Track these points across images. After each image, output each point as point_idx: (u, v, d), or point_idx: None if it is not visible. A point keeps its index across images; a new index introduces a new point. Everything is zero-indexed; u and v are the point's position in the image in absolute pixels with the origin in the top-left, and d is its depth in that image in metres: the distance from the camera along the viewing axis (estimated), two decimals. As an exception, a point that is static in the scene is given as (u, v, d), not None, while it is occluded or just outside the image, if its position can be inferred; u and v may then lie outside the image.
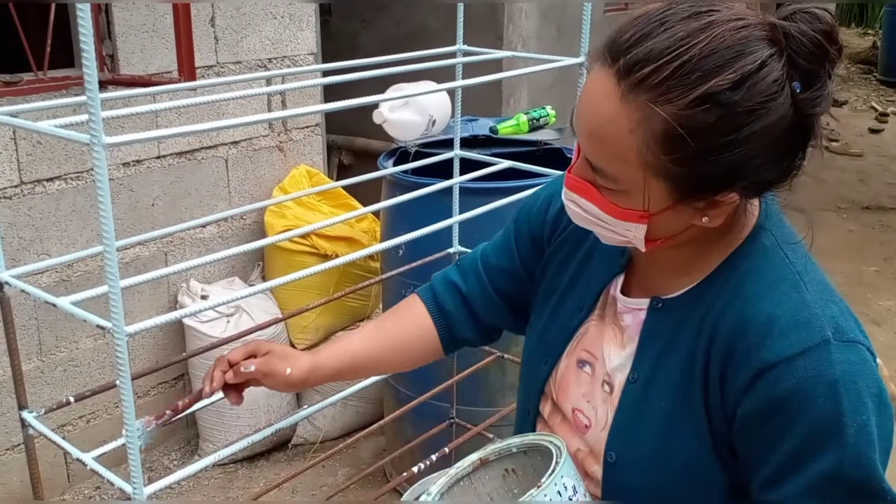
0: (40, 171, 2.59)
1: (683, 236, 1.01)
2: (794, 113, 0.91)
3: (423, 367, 1.78)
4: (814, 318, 0.95)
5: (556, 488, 0.99)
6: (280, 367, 1.22)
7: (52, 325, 2.71)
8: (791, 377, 0.93)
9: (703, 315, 1.01)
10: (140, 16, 2.75)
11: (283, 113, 1.41)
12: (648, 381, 1.05)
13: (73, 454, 1.31)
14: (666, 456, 1.03)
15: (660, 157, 0.91)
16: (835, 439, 0.92)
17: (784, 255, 1.01)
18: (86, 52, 0.90)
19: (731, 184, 0.94)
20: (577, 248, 1.20)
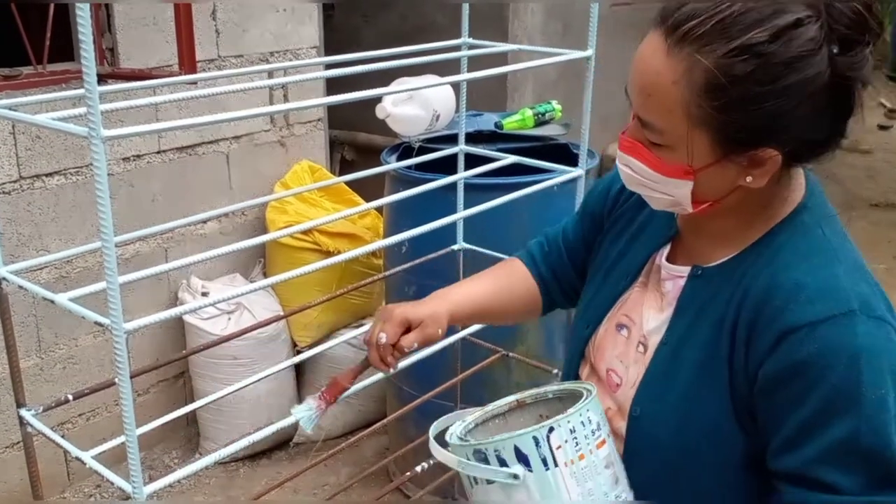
0: (39, 165, 2.57)
1: (729, 200, 1.05)
2: (831, 73, 0.94)
3: (426, 365, 1.76)
4: (842, 290, 0.98)
5: (581, 419, 1.03)
6: (434, 333, 1.30)
7: (51, 322, 2.68)
8: (813, 342, 0.96)
9: (736, 283, 1.05)
10: (140, 9, 2.72)
11: (284, 106, 1.39)
12: (680, 343, 1.09)
13: (72, 453, 1.29)
14: (688, 414, 1.07)
15: (701, 105, 0.96)
16: (853, 408, 0.94)
17: (822, 232, 1.05)
18: (84, 46, 0.87)
19: (770, 138, 0.97)
20: (630, 223, 1.25)
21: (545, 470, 1.01)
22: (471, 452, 1.04)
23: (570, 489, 1.02)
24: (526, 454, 1.01)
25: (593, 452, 1.04)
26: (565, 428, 1.02)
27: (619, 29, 5.06)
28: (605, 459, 1.05)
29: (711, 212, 1.06)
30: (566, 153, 2.76)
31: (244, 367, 2.86)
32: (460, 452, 1.06)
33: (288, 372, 3.06)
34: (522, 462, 1.01)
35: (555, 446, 1.01)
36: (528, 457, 1.01)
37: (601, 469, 1.04)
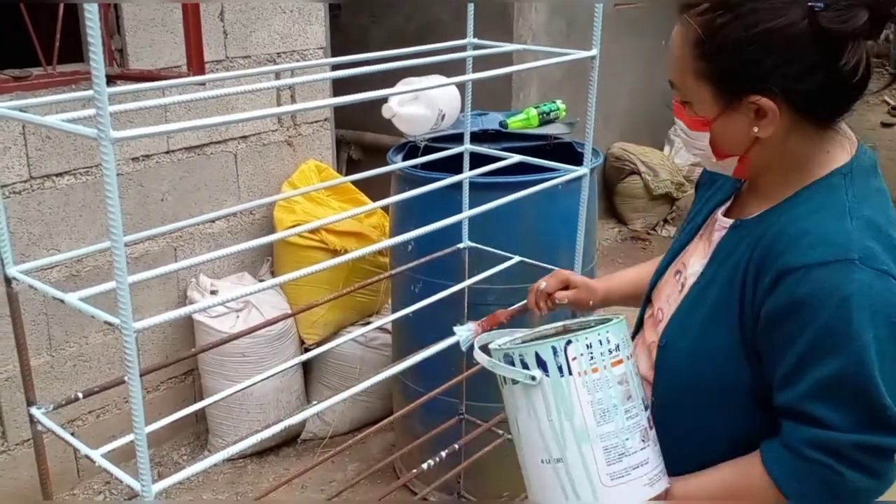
0: (49, 166, 2.59)
1: (762, 157, 1.15)
2: (810, 24, 1.03)
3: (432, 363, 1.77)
4: (845, 241, 1.05)
5: (598, 338, 1.17)
6: (585, 299, 1.56)
7: (61, 321, 2.71)
8: (808, 283, 1.03)
9: (759, 232, 1.15)
10: (149, 10, 2.74)
11: (292, 107, 1.40)
12: (707, 283, 1.21)
13: (82, 451, 1.30)
14: (702, 347, 1.17)
15: (695, 58, 1.12)
16: (840, 347, 1.02)
17: (845, 193, 1.11)
18: (93, 47, 0.89)
19: (757, 84, 1.08)
20: (712, 185, 1.37)
21: (560, 376, 1.16)
22: (501, 356, 1.21)
23: (580, 396, 1.16)
24: (545, 360, 1.16)
25: (607, 368, 1.17)
26: (582, 343, 1.16)
27: (622, 29, 5.07)
28: (620, 377, 1.17)
29: (752, 171, 1.18)
30: (571, 152, 2.77)
31: (252, 365, 2.88)
32: (495, 356, 1.22)
33: (296, 369, 3.08)
34: (542, 367, 1.17)
35: (571, 357, 1.16)
36: (547, 363, 1.16)
37: (613, 384, 1.17)
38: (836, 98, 1.10)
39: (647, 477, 1.17)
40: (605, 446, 1.16)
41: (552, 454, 1.17)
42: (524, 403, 1.19)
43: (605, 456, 1.16)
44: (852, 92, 1.09)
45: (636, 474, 1.16)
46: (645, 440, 1.18)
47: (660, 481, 1.18)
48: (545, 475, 1.19)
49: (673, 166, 5.47)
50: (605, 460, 1.16)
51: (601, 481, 1.16)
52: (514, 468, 1.29)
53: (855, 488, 1.06)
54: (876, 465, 1.06)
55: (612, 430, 1.16)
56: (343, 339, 2.13)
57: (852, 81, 1.06)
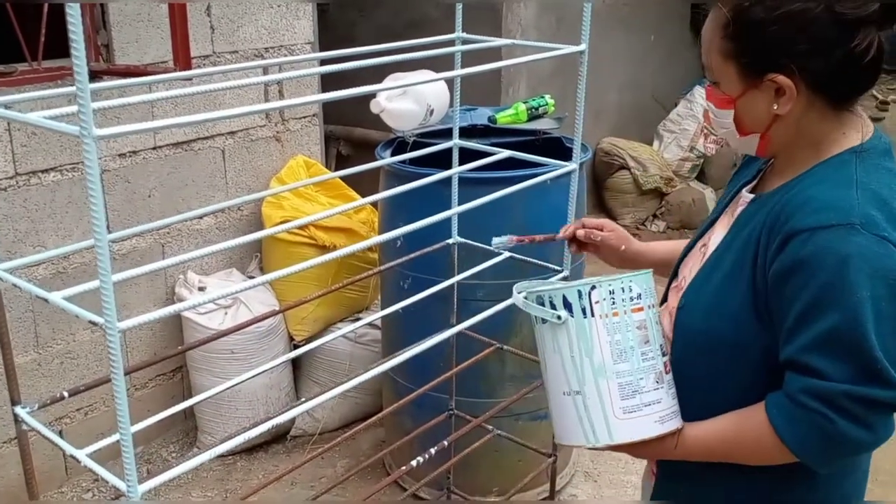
0: (35, 162, 2.57)
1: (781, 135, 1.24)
2: (826, 9, 1.14)
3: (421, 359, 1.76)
4: (848, 207, 1.13)
5: (621, 285, 1.28)
6: (616, 244, 1.65)
7: (48, 318, 2.69)
8: (811, 244, 1.12)
9: (773, 202, 1.23)
10: (135, 6, 2.72)
11: (280, 103, 1.39)
12: (725, 249, 1.30)
13: (67, 451, 1.29)
14: (716, 306, 1.26)
15: (723, 38, 1.23)
16: (837, 303, 1.10)
17: (854, 169, 1.19)
18: (75, 44, 0.88)
19: (778, 63, 1.18)
20: (742, 171, 1.45)
21: (583, 317, 1.28)
22: (533, 298, 1.33)
23: (600, 336, 1.28)
24: (570, 302, 1.29)
25: (627, 314, 1.28)
26: (605, 288, 1.28)
27: (611, 24, 5.07)
28: (639, 322, 1.29)
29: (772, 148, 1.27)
30: (560, 147, 2.77)
31: (241, 361, 2.87)
32: (529, 297, 1.34)
33: (285, 366, 3.07)
34: (567, 309, 1.29)
35: (594, 301, 1.28)
36: (572, 305, 1.29)
37: (632, 328, 1.28)
38: (848, 78, 1.19)
39: (658, 415, 1.27)
40: (620, 383, 1.27)
41: (572, 387, 1.29)
42: (550, 340, 1.32)
43: (620, 391, 1.27)
44: (864, 73, 1.19)
45: (648, 411, 1.27)
46: (659, 382, 1.28)
47: (671, 420, 1.28)
48: (566, 406, 1.31)
49: (662, 161, 5.47)
50: (620, 395, 1.27)
51: (614, 413, 1.27)
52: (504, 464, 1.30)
53: (846, 436, 1.13)
54: (867, 415, 1.13)
55: (628, 369, 1.27)
56: (332, 336, 2.12)
57: (863, 62, 1.16)
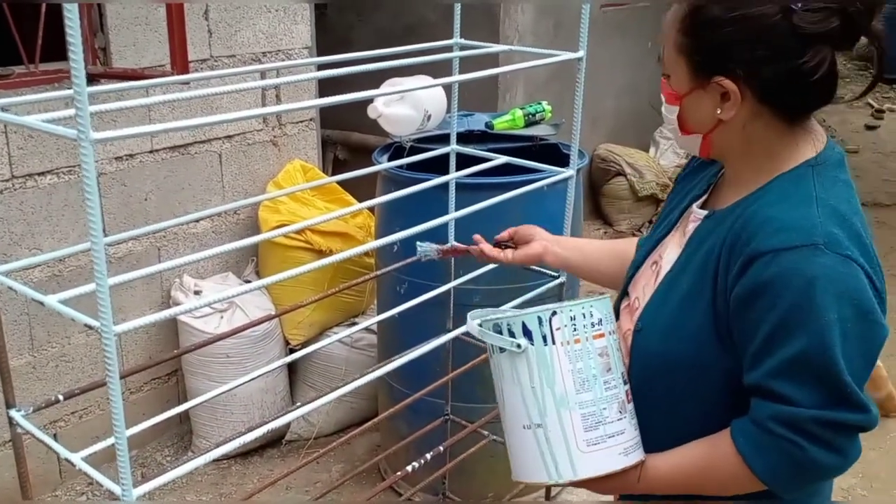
0: (32, 165, 2.57)
1: (718, 137, 1.22)
2: (783, 18, 1.10)
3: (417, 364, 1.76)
4: (810, 227, 1.10)
5: (582, 311, 1.24)
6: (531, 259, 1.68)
7: (43, 321, 2.69)
8: (775, 266, 1.08)
9: (730, 221, 1.19)
10: (133, 9, 2.72)
11: (277, 107, 1.39)
12: (681, 269, 1.26)
13: (62, 454, 1.29)
14: (675, 329, 1.22)
15: (678, 31, 1.19)
16: (804, 327, 1.07)
17: (812, 184, 1.16)
18: (73, 47, 0.88)
19: (725, 65, 1.15)
20: (689, 182, 1.41)
21: (544, 345, 1.23)
22: (491, 326, 1.27)
23: (562, 365, 1.22)
24: (530, 330, 1.23)
25: (588, 340, 1.23)
26: (566, 314, 1.23)
27: (608, 31, 5.08)
28: (600, 349, 1.24)
29: (716, 152, 1.24)
30: (556, 153, 2.77)
31: (237, 366, 2.87)
32: (485, 325, 1.28)
33: (280, 370, 3.07)
34: (527, 336, 1.23)
35: (555, 327, 1.22)
36: (532, 332, 1.23)
37: (594, 355, 1.23)
38: (797, 92, 1.16)
39: (622, 446, 1.22)
40: (583, 413, 1.22)
41: (533, 419, 1.24)
42: (509, 371, 1.26)
43: (583, 423, 1.22)
44: (813, 90, 1.15)
45: (612, 442, 1.22)
46: (622, 412, 1.24)
47: (634, 452, 1.23)
48: (526, 440, 1.25)
49: (658, 168, 5.48)
50: (583, 427, 1.22)
51: (578, 446, 1.22)
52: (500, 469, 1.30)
53: (817, 462, 1.11)
54: (837, 440, 1.10)
55: (591, 399, 1.22)
56: (328, 340, 2.12)
57: (811, 79, 1.12)
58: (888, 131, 8.12)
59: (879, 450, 3.17)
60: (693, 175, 1.42)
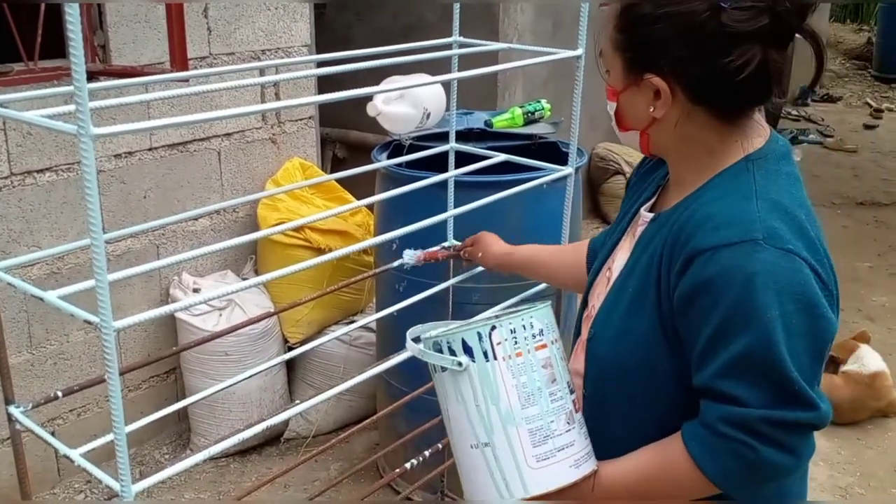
0: (31, 162, 2.57)
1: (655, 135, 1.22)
2: (711, 16, 1.09)
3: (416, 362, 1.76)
4: (749, 222, 1.08)
5: (522, 323, 1.20)
6: (475, 254, 1.84)
7: (42, 318, 2.69)
8: (715, 264, 1.07)
9: (672, 221, 1.19)
10: (132, 6, 2.72)
11: (276, 104, 1.39)
12: (628, 273, 1.25)
13: (61, 450, 1.29)
14: (624, 333, 1.21)
15: (614, 29, 1.19)
16: (747, 325, 1.05)
17: (752, 177, 1.15)
18: (73, 43, 0.88)
19: (657, 62, 1.15)
20: (641, 184, 1.41)
21: (485, 361, 1.19)
22: (430, 344, 1.23)
23: (505, 380, 1.19)
24: (471, 346, 1.19)
25: (531, 352, 1.20)
26: (506, 328, 1.19)
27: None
28: (544, 360, 1.21)
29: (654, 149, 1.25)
30: (556, 151, 2.77)
31: (235, 364, 2.87)
32: (424, 344, 1.24)
33: (279, 368, 3.07)
34: (468, 353, 1.19)
35: (495, 342, 1.19)
36: (473, 349, 1.19)
37: (537, 367, 1.20)
38: (724, 91, 1.14)
39: (572, 458, 1.20)
40: (530, 429, 1.19)
41: (480, 438, 1.20)
42: (453, 390, 1.22)
43: (531, 438, 1.19)
44: (743, 89, 1.12)
45: (561, 456, 1.19)
46: (570, 423, 1.21)
47: (586, 463, 1.21)
48: (475, 460, 1.22)
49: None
50: (531, 442, 1.19)
51: (527, 463, 1.19)
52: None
53: (769, 462, 1.08)
54: (789, 439, 1.08)
55: (537, 413, 1.19)
56: (327, 338, 2.12)
57: (736, 79, 1.10)
58: (886, 131, 8.13)
59: (877, 449, 3.18)
60: (645, 177, 1.41)
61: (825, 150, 7.28)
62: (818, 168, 6.73)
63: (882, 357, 3.39)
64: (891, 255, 4.94)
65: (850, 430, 3.25)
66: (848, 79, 10.25)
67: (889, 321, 4.12)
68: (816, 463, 3.04)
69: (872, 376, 3.26)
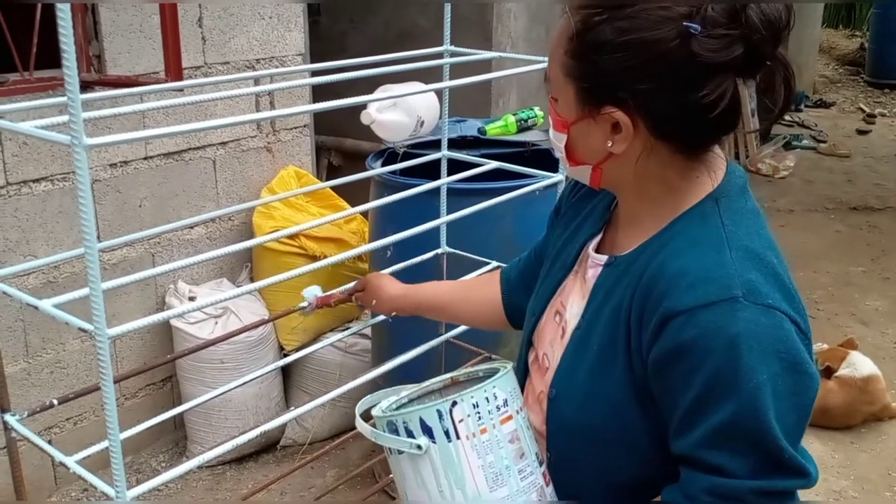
0: (27, 171, 2.58)
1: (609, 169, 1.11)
2: (681, 45, 0.98)
3: (410, 368, 1.77)
4: (726, 277, 1.00)
5: (485, 395, 1.09)
6: (368, 300, 1.72)
7: (38, 327, 2.69)
8: (694, 327, 0.98)
9: (636, 270, 1.09)
10: (127, 16, 2.74)
11: (270, 113, 1.41)
12: (589, 327, 1.15)
13: (56, 457, 1.30)
14: (594, 394, 1.11)
15: (566, 52, 1.06)
16: (732, 392, 0.97)
17: (720, 220, 1.07)
18: (66, 52, 0.89)
19: (614, 95, 1.03)
20: (577, 214, 1.31)
21: (447, 442, 1.07)
22: (385, 424, 1.11)
23: (470, 461, 1.08)
24: (430, 426, 1.08)
25: (496, 427, 1.09)
26: (468, 403, 1.08)
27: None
28: (510, 434, 1.10)
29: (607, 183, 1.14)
30: (548, 158, 2.79)
31: (231, 371, 2.88)
32: (378, 424, 1.12)
33: (275, 376, 3.07)
34: (427, 434, 1.08)
35: (457, 420, 1.07)
36: (433, 429, 1.08)
37: (504, 443, 1.09)
38: (693, 127, 1.05)
39: None
40: None
41: None
42: (412, 473, 1.10)
43: None
44: (714, 125, 1.04)
45: None
46: (541, 497, 1.12)
47: None
48: None
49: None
50: None
51: None
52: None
53: None
54: None
55: (507, 494, 1.09)
56: (322, 345, 2.13)
57: (710, 115, 1.00)
58: (879, 136, 8.17)
59: (871, 452, 3.19)
60: (580, 207, 1.31)
61: (818, 155, 7.31)
62: (812, 173, 6.76)
63: (876, 361, 3.40)
64: (884, 259, 4.96)
65: (843, 434, 3.26)
66: (841, 84, 10.29)
67: (883, 325, 4.14)
68: (811, 467, 3.05)
69: (865, 380, 3.27)
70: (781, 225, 5.52)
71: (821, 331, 3.78)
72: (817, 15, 9.35)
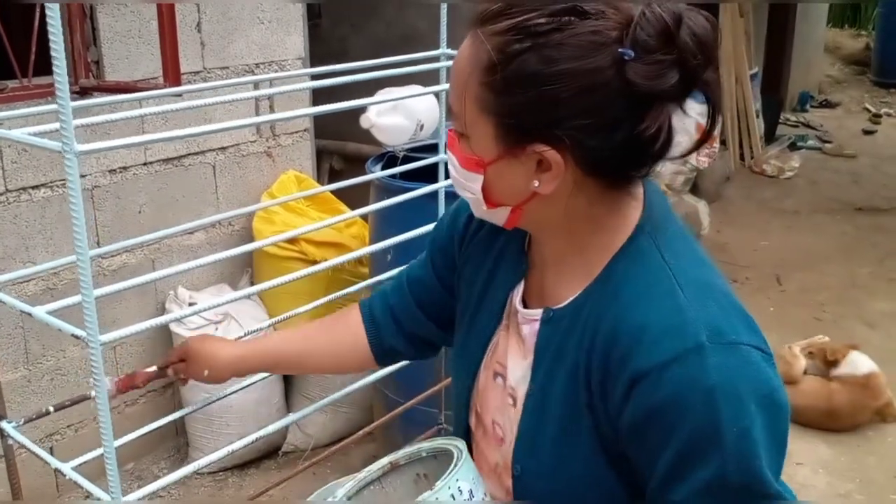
0: (25, 178, 2.58)
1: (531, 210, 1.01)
2: (617, 75, 0.90)
3: (410, 373, 1.77)
4: (687, 323, 0.93)
5: (450, 492, 0.98)
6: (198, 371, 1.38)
7: (38, 334, 2.69)
8: (666, 385, 0.92)
9: (584, 325, 1.01)
10: (126, 22, 2.74)
11: (269, 117, 1.40)
12: (543, 392, 1.05)
13: (52, 464, 1.29)
14: (563, 466, 1.03)
15: (481, 84, 0.94)
16: (715, 447, 0.91)
17: (660, 256, 1.00)
18: (56, 58, 0.89)
19: (543, 131, 0.93)
20: (485, 257, 1.19)
21: None
22: None
23: None
24: None
25: None
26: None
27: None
28: None
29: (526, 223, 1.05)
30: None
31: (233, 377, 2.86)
32: None
33: (276, 381, 3.07)
34: None
35: None
36: None
37: None
38: (631, 162, 0.97)
39: None
40: None
41: None
42: None
43: None
44: (652, 157, 0.97)
45: None
46: None
47: None
48: None
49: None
50: None
51: None
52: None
53: None
54: None
55: None
56: (322, 350, 2.12)
57: (651, 149, 0.93)
58: (885, 136, 8.15)
59: (876, 454, 3.17)
60: (490, 237, 1.19)
61: (824, 155, 7.29)
62: (817, 174, 6.73)
63: (882, 364, 3.40)
64: (890, 261, 4.94)
65: (850, 437, 3.25)
66: (846, 84, 10.27)
67: (889, 327, 4.12)
68: (816, 471, 3.04)
69: (867, 377, 3.32)
70: (787, 226, 5.50)
71: (826, 333, 3.77)
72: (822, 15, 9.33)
